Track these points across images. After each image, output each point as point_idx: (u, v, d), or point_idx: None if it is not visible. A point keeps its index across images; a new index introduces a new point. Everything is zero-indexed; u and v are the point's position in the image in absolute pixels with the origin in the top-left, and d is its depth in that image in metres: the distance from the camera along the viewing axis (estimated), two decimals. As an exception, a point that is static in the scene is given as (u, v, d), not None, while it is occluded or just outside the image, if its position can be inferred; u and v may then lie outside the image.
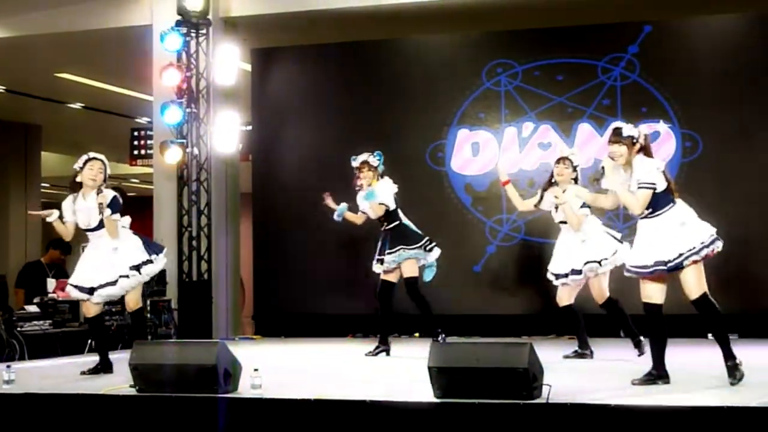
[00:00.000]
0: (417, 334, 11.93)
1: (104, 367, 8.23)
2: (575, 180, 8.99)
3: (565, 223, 8.96)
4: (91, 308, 8.28)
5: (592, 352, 8.97)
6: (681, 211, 6.84)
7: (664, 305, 6.80)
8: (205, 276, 12.36)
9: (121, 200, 8.21)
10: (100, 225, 8.15)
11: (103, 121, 18.17)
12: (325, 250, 12.61)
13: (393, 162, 12.22)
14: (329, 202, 9.86)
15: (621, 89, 11.96)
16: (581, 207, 8.73)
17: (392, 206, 9.66)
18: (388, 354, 9.57)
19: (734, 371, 6.63)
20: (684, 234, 6.74)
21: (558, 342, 10.76)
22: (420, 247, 9.64)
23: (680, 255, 6.66)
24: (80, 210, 8.19)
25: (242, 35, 13.23)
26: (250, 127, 13.89)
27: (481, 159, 12.37)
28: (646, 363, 7.03)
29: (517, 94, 12.28)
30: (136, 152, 17.57)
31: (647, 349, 8.44)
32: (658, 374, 6.73)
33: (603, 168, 6.97)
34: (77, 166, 8.24)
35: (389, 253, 9.54)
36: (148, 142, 16.45)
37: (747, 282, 11.17)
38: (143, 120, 17.46)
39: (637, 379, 6.74)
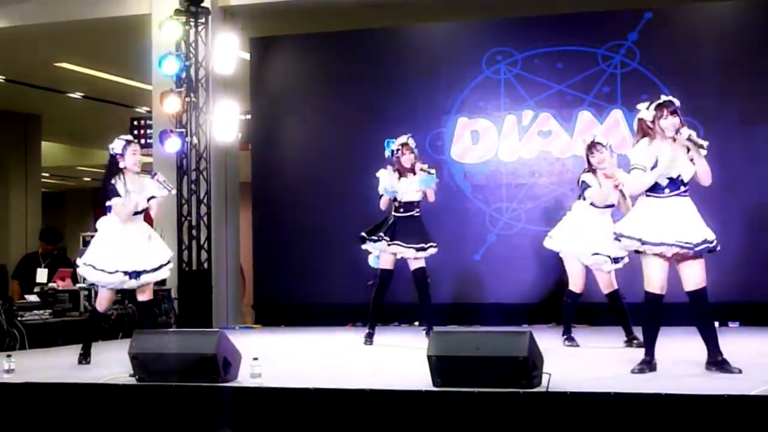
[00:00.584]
0: (417, 323, 11.92)
1: (85, 356, 8.23)
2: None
3: (608, 206, 8.81)
4: (108, 301, 8.24)
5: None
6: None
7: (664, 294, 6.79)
8: (205, 265, 12.35)
9: None
10: (142, 209, 8.21)
11: (102, 110, 18.17)
12: (324, 239, 12.60)
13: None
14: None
15: (621, 77, 11.92)
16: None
17: None
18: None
19: (729, 365, 6.59)
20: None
21: (558, 330, 10.74)
22: None
23: (716, 239, 6.68)
24: (134, 193, 8.15)
25: (241, 24, 13.20)
26: (249, 117, 13.86)
27: (480, 147, 12.35)
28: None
29: (517, 82, 12.26)
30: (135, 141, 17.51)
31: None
32: (650, 361, 6.71)
33: (691, 138, 6.73)
34: (117, 150, 8.17)
35: (424, 248, 9.64)
36: (148, 131, 16.42)
37: (748, 271, 11.14)
38: (143, 109, 17.46)
39: (636, 366, 6.72)
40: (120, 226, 8.13)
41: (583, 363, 7.63)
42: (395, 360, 8.32)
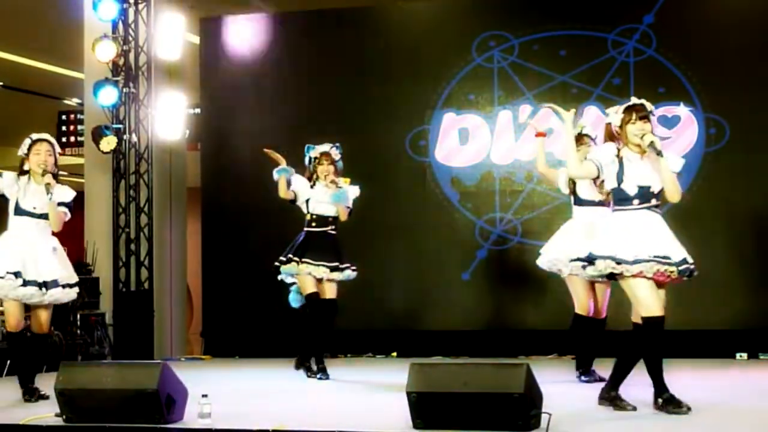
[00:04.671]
0: (395, 354, 11.94)
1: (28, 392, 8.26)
2: None
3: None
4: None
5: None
6: None
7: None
8: (145, 285, 12.31)
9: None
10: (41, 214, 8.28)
11: (26, 102, 18.08)
12: (287, 254, 12.58)
13: (367, 151, 12.26)
14: (274, 154, 9.80)
15: (634, 66, 11.99)
16: None
17: None
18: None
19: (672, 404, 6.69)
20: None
21: (560, 363, 10.76)
22: None
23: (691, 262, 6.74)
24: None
25: (189, 1, 13.19)
26: (198, 110, 13.85)
27: (470, 148, 12.38)
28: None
29: (513, 71, 12.30)
30: (64, 139, 17.52)
31: None
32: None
33: (653, 144, 6.80)
34: (23, 151, 8.32)
35: (339, 268, 9.62)
36: (79, 127, 16.43)
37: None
38: (73, 102, 17.41)
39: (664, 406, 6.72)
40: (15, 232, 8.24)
41: (588, 401, 7.63)
42: (369, 397, 8.31)
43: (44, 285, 8.13)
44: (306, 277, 9.58)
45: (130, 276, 12.26)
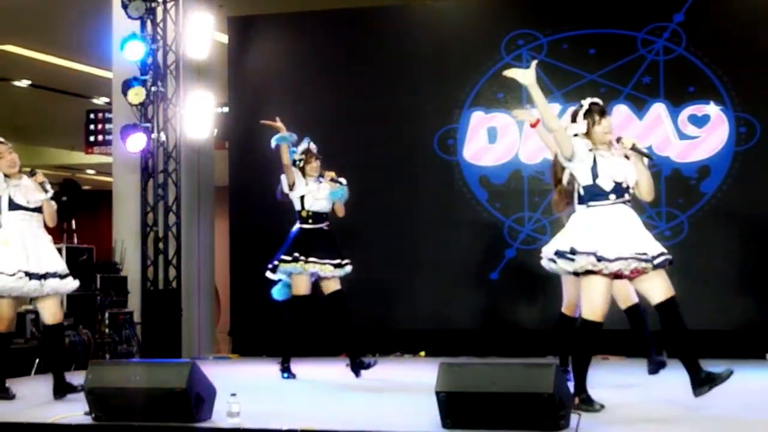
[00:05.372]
0: (423, 353, 11.93)
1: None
2: None
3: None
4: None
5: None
6: None
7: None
8: (173, 284, 12.34)
9: None
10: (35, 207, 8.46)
11: (54, 101, 18.16)
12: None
13: (395, 150, 12.26)
14: (272, 123, 10.05)
15: (664, 65, 11.95)
16: None
17: None
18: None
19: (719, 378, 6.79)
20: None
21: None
22: None
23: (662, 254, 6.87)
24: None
25: (218, 0, 13.22)
26: (226, 109, 13.87)
27: (498, 147, 12.37)
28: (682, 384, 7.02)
29: (542, 70, 12.21)
30: (92, 138, 17.57)
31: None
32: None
33: (636, 146, 7.02)
34: None
35: (341, 264, 9.79)
36: (107, 126, 16.46)
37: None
38: (101, 101, 17.46)
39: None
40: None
41: (618, 400, 7.62)
42: (397, 396, 8.32)
43: (43, 276, 8.25)
44: (304, 277, 9.71)
45: (158, 275, 12.29)
